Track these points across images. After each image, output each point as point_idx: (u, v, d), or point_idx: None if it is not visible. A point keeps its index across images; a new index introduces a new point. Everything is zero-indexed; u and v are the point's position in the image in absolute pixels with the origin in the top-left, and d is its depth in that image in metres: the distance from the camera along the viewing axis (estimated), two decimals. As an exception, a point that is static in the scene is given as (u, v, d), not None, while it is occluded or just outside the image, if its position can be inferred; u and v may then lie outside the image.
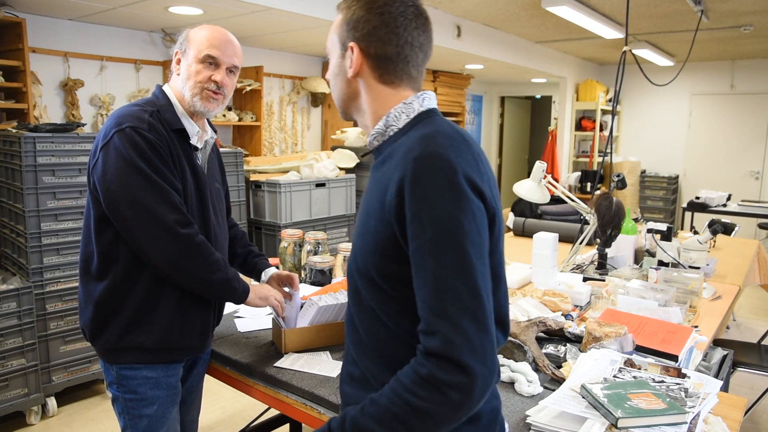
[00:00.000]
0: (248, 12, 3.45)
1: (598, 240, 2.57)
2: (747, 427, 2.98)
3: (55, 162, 2.87)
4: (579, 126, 7.84)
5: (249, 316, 1.95)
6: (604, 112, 7.83)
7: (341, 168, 4.65)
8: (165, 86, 1.55)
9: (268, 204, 4.18)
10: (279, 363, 1.57)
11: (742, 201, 5.92)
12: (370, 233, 0.96)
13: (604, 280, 2.38)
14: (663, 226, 2.74)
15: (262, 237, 4.26)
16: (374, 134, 1.04)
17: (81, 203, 2.96)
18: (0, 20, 3.08)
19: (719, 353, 1.81)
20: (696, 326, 1.90)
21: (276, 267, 1.80)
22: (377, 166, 1.02)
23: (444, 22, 4.72)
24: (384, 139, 1.03)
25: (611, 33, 5.06)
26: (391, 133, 1.02)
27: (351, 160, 4.73)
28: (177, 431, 1.58)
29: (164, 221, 1.37)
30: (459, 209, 0.86)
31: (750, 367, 2.67)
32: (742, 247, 3.40)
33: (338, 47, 1.04)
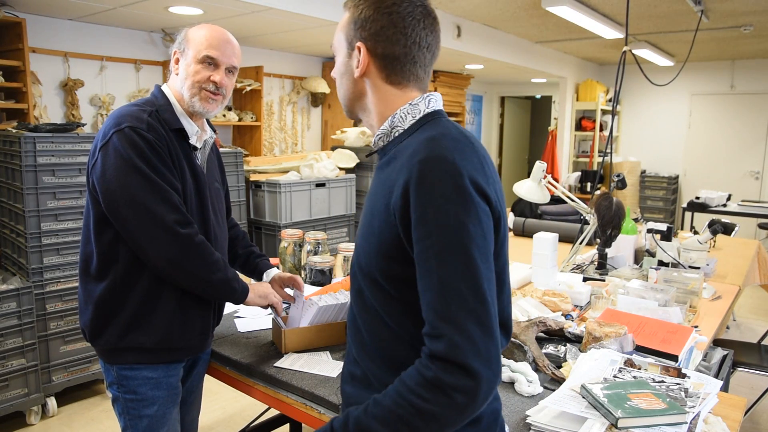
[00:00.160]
0: (248, 12, 3.45)
1: (598, 240, 2.57)
2: (747, 427, 2.98)
3: (55, 162, 2.87)
4: (579, 126, 7.84)
5: (249, 316, 1.95)
6: (604, 112, 7.83)
7: (341, 168, 4.65)
8: (163, 86, 1.54)
9: (268, 204, 4.18)
10: (279, 363, 1.57)
11: (742, 201, 5.92)
12: (374, 234, 0.96)
13: (604, 280, 2.38)
14: (663, 226, 2.74)
15: (262, 237, 4.26)
16: (379, 134, 1.03)
17: (81, 203, 2.96)
18: (0, 20, 3.08)
19: (719, 353, 1.81)
20: (696, 326, 1.90)
21: (276, 267, 1.80)
22: (382, 167, 1.02)
23: (444, 22, 4.71)
24: (389, 140, 1.03)
25: (611, 33, 5.06)
26: (397, 134, 1.02)
27: (351, 160, 4.72)
28: (177, 431, 1.59)
29: (163, 221, 1.36)
30: (464, 213, 0.86)
31: (750, 367, 2.67)
32: (742, 247, 3.40)
33: (345, 46, 1.04)
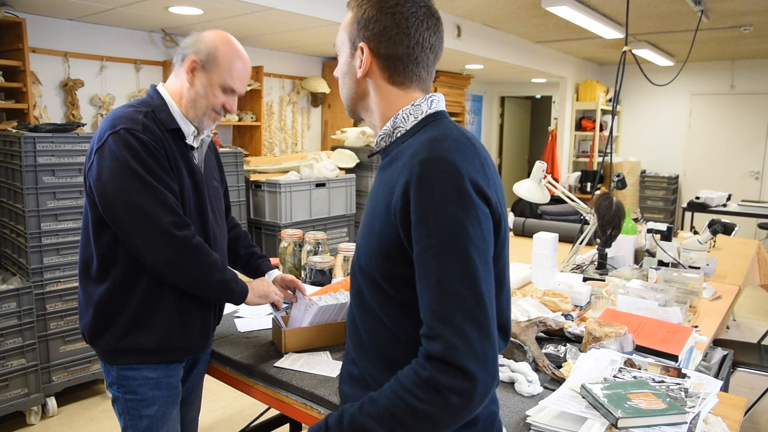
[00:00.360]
0: (248, 12, 3.45)
1: (598, 240, 2.56)
2: (747, 427, 2.98)
3: (55, 162, 2.87)
4: (579, 126, 7.84)
5: (249, 316, 1.95)
6: (604, 112, 7.83)
7: (341, 168, 4.65)
8: (159, 86, 1.51)
9: (268, 204, 4.18)
10: (279, 363, 1.57)
11: (742, 201, 5.92)
12: (375, 235, 0.96)
13: (604, 280, 2.38)
14: (663, 226, 2.74)
15: (262, 237, 4.26)
16: (381, 135, 1.03)
17: (81, 203, 2.96)
18: (0, 20, 3.08)
19: (719, 353, 1.81)
20: (696, 326, 1.90)
21: (276, 267, 1.80)
22: (384, 167, 1.02)
23: (444, 22, 4.68)
24: (391, 140, 1.02)
25: (611, 33, 5.06)
26: (399, 135, 1.01)
27: (351, 160, 4.72)
28: (177, 431, 1.59)
29: (160, 223, 1.36)
30: (464, 214, 0.86)
31: (750, 367, 2.67)
32: (742, 247, 3.40)
33: (348, 46, 1.04)
